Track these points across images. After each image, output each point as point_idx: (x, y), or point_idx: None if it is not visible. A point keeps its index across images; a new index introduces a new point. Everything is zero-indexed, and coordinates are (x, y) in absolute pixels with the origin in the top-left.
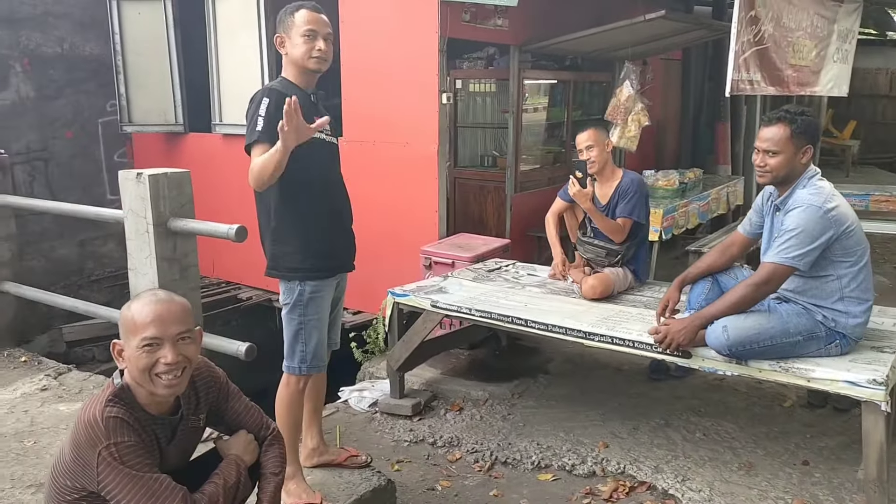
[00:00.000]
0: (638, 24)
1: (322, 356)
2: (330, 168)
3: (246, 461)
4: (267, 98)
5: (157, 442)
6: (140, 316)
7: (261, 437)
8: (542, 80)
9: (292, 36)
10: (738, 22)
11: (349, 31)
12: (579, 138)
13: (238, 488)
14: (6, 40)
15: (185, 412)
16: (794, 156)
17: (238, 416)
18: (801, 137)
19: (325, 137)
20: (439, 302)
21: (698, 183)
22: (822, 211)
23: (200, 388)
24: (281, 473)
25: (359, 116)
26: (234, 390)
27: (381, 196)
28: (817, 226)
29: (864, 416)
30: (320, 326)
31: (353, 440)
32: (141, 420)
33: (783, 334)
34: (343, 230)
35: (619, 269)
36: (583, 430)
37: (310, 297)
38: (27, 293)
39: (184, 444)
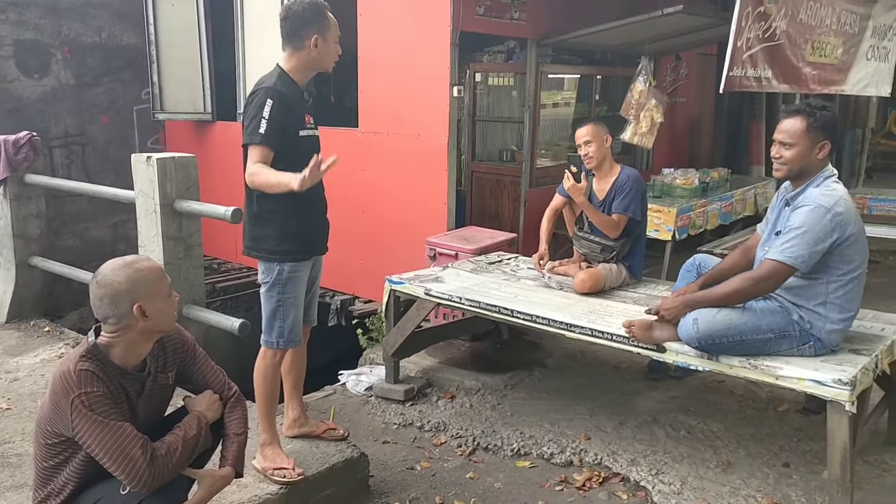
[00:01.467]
0: (656, 18)
1: (298, 332)
2: (310, 161)
3: (208, 417)
4: (271, 100)
5: (126, 395)
6: (156, 271)
7: (224, 397)
8: (562, 74)
9: (328, 38)
10: (738, 18)
11: (366, 25)
12: (578, 133)
13: (198, 440)
14: (48, 29)
15: (151, 369)
16: (809, 150)
17: (203, 377)
18: (818, 132)
19: (311, 132)
20: (432, 290)
21: (723, 183)
22: (830, 214)
23: (169, 348)
24: (243, 433)
25: (374, 108)
26: (200, 353)
27: (394, 187)
28: (822, 228)
29: (829, 415)
30: (297, 304)
31: (346, 420)
32: (111, 374)
33: (754, 330)
34: (319, 216)
35: (613, 265)
36: (568, 422)
37: (288, 276)
38: (53, 268)
39: (154, 400)
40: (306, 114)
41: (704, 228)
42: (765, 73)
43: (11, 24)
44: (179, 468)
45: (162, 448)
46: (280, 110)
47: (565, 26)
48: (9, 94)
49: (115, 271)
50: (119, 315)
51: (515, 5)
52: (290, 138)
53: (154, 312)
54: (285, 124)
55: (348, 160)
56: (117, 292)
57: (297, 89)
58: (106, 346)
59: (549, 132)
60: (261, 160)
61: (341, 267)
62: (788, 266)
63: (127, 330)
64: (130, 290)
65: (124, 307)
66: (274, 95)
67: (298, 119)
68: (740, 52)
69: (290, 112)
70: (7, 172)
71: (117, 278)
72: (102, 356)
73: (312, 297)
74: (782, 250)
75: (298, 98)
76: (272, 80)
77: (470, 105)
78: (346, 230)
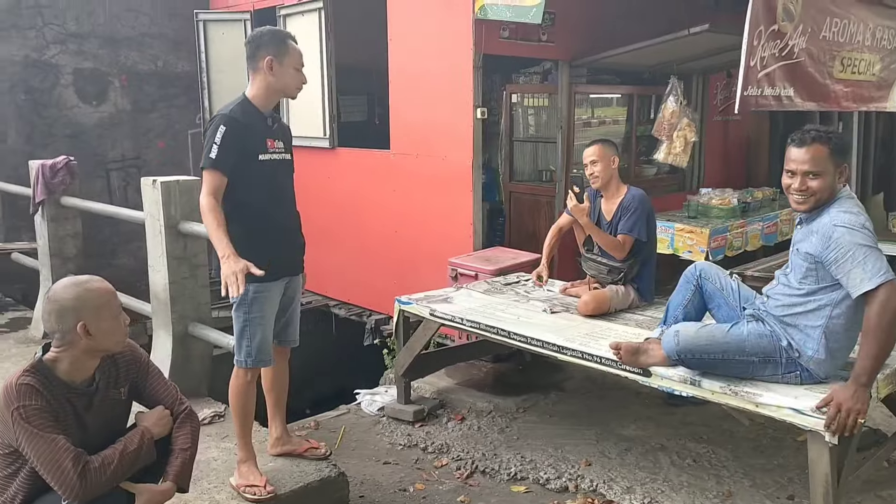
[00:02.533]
0: (684, 38)
1: (266, 351)
2: (276, 185)
3: (153, 432)
4: (224, 126)
5: (73, 409)
6: (105, 293)
7: (175, 412)
8: (598, 94)
9: (285, 64)
10: (749, 37)
11: (396, 48)
12: (585, 152)
13: (139, 454)
14: (107, 59)
15: (100, 385)
16: (833, 176)
17: (155, 393)
18: (839, 156)
19: (274, 156)
20: (436, 311)
21: (768, 202)
22: (867, 224)
23: (122, 365)
24: (189, 449)
25: (404, 130)
26: (154, 370)
27: (423, 207)
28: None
29: (810, 446)
30: (264, 324)
31: (354, 440)
32: (55, 389)
33: (738, 351)
34: (288, 239)
35: (621, 287)
36: (573, 447)
37: (253, 296)
38: None
39: (106, 415)
40: (269, 138)
41: (744, 250)
42: (785, 92)
43: (71, 55)
44: (115, 481)
45: (96, 461)
46: (233, 136)
47: (596, 47)
48: (68, 120)
49: (65, 288)
50: (63, 331)
51: (543, 28)
52: (248, 163)
53: (98, 332)
54: (240, 149)
55: (381, 182)
56: (63, 309)
57: (257, 115)
58: (52, 361)
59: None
60: (212, 184)
61: (375, 287)
62: (889, 282)
63: (71, 346)
64: (76, 309)
65: (69, 324)
66: (227, 122)
67: (257, 144)
68: (754, 71)
69: (246, 137)
70: (44, 195)
71: (65, 295)
72: (47, 371)
73: (290, 317)
74: (871, 276)
75: (258, 123)
76: (229, 107)
77: (507, 126)
78: (380, 251)
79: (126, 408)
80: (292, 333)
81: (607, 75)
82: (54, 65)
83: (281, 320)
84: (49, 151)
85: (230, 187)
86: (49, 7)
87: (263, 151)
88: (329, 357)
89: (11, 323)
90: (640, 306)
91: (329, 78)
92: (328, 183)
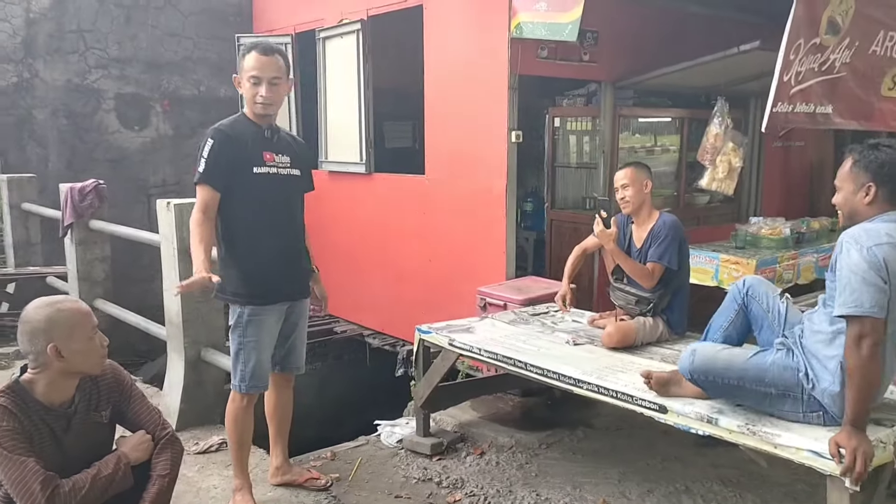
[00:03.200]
0: (733, 56)
1: (262, 377)
2: (275, 200)
3: (131, 458)
4: (211, 140)
5: (50, 431)
6: (77, 314)
7: (156, 437)
8: (645, 118)
9: (243, 79)
10: (786, 51)
11: (432, 70)
12: (616, 176)
13: (114, 479)
14: (149, 83)
15: (79, 406)
16: (853, 193)
17: (137, 417)
18: (862, 173)
19: (273, 170)
20: (455, 340)
21: (825, 233)
22: (865, 250)
23: (103, 387)
24: (168, 476)
25: (438, 154)
26: (136, 394)
27: (457, 234)
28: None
29: (829, 492)
30: (259, 349)
31: (370, 472)
32: (31, 410)
33: (756, 381)
34: (288, 262)
35: (649, 319)
36: (593, 486)
37: (248, 319)
38: (113, 311)
39: (87, 437)
40: (265, 151)
41: (795, 283)
42: (822, 109)
43: (114, 80)
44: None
45: (66, 485)
46: (222, 149)
47: (642, 67)
48: (110, 144)
49: (36, 310)
50: (36, 353)
51: (585, 47)
52: (241, 176)
53: (71, 354)
54: (232, 163)
55: (416, 208)
56: (35, 330)
57: (252, 128)
58: (28, 382)
59: None
60: (201, 199)
61: (409, 316)
62: (858, 319)
63: (45, 368)
64: (46, 330)
65: (40, 346)
66: (214, 135)
67: (252, 157)
68: (787, 86)
69: (238, 151)
70: (73, 218)
71: (36, 316)
72: (24, 392)
73: (293, 343)
74: (842, 304)
75: (252, 136)
76: (222, 121)
77: (550, 151)
78: (415, 279)
79: (109, 431)
80: (296, 361)
81: (658, 98)
82: (96, 89)
83: (284, 347)
84: (90, 176)
85: (224, 202)
86: (91, 32)
87: (259, 164)
88: (363, 388)
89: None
90: (669, 340)
91: (366, 101)
92: (364, 209)
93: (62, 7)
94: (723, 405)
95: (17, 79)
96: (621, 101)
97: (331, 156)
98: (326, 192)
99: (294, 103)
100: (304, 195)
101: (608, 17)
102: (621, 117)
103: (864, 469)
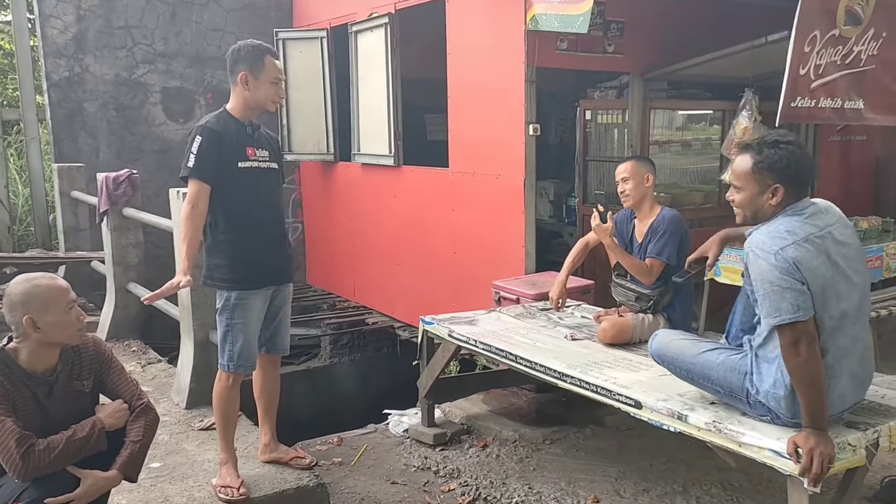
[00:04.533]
0: (761, 47)
1: (249, 358)
2: (258, 193)
3: (106, 423)
4: (200, 136)
5: (33, 396)
6: (54, 289)
7: (133, 406)
8: (678, 109)
9: (260, 78)
10: (796, 43)
11: (454, 63)
12: (618, 169)
13: (88, 442)
14: (193, 77)
15: (61, 375)
16: (757, 195)
17: (116, 387)
18: (765, 174)
19: (254, 164)
20: (454, 332)
21: (876, 234)
22: (773, 256)
23: (85, 358)
24: (140, 441)
25: (462, 147)
26: (116, 365)
27: (479, 228)
28: (774, 273)
29: (790, 493)
30: (246, 331)
31: (373, 459)
32: (15, 376)
33: (702, 377)
34: (272, 249)
35: (649, 316)
36: (589, 483)
37: (235, 303)
38: (141, 293)
39: (69, 404)
40: (249, 146)
41: None
42: (851, 104)
43: (160, 74)
44: (60, 464)
45: (41, 444)
46: (210, 145)
47: (671, 59)
48: (156, 136)
49: (17, 284)
50: (15, 324)
51: (609, 38)
52: (227, 170)
53: (46, 326)
54: (218, 158)
55: (441, 201)
56: (13, 303)
57: (235, 124)
58: (13, 350)
59: (680, 174)
60: (194, 192)
61: (434, 309)
62: (785, 326)
63: (25, 338)
64: (23, 303)
65: (17, 317)
66: (203, 132)
67: (236, 153)
68: (807, 80)
69: (223, 146)
70: (107, 206)
71: (15, 290)
72: (8, 359)
73: (279, 325)
74: (766, 315)
75: (237, 133)
76: (207, 118)
77: (581, 144)
78: (440, 272)
79: (91, 399)
80: (281, 342)
81: (697, 89)
82: (143, 83)
83: (269, 328)
84: (137, 166)
85: (213, 196)
86: (139, 28)
87: (243, 159)
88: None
89: (85, 327)
90: None
91: (395, 94)
92: (393, 202)
93: (111, 4)
94: (695, 402)
95: (69, 73)
96: (654, 94)
97: (363, 148)
98: (359, 184)
99: (329, 97)
100: (281, 186)
101: (635, 6)
102: (652, 110)
103: (820, 470)
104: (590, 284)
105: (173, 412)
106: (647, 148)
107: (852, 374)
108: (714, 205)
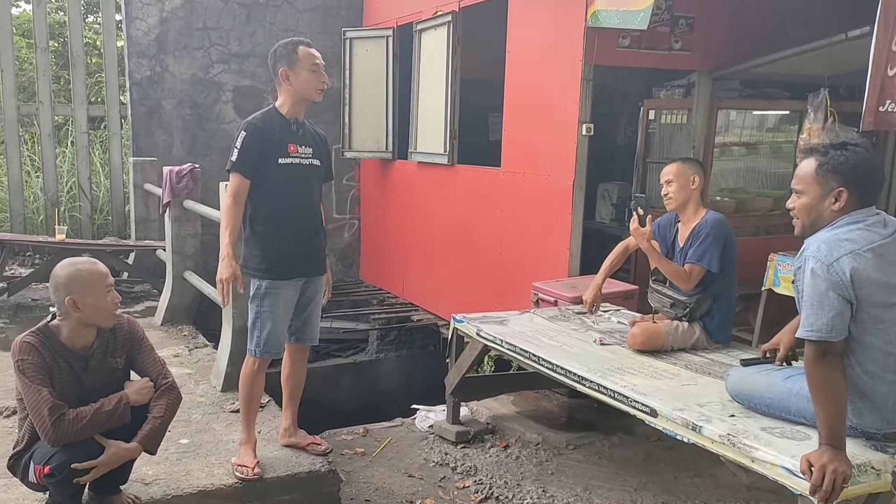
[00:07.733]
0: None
1: (276, 345)
2: (297, 188)
3: (132, 399)
4: (244, 132)
5: (71, 369)
6: (95, 273)
7: (158, 384)
8: (749, 109)
9: (298, 70)
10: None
11: (512, 63)
12: (663, 171)
13: (113, 415)
14: (264, 77)
15: (97, 352)
16: (819, 199)
17: (144, 365)
18: (829, 176)
19: (296, 160)
20: (482, 331)
21: None
22: (826, 267)
23: (119, 338)
24: (161, 417)
25: (514, 147)
26: (146, 345)
27: (527, 228)
28: (822, 288)
29: None
30: (274, 318)
31: (395, 451)
32: (55, 350)
33: (782, 410)
34: (304, 241)
35: (684, 324)
36: (605, 491)
37: (265, 292)
38: (196, 282)
39: (103, 378)
40: (291, 143)
41: None
42: None
43: (233, 73)
44: (87, 433)
45: (71, 413)
46: (252, 141)
47: (743, 56)
48: (226, 133)
49: (62, 267)
50: (59, 303)
51: (677, 34)
52: (268, 165)
53: (85, 307)
54: (260, 153)
55: (491, 200)
56: (57, 285)
57: (280, 121)
58: (55, 327)
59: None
60: (235, 185)
61: (479, 308)
62: (814, 342)
63: (66, 317)
64: (66, 285)
65: (61, 298)
66: (247, 128)
67: (278, 148)
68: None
69: (265, 142)
70: (170, 197)
71: (60, 273)
72: (50, 334)
73: (309, 316)
74: (802, 324)
75: (281, 129)
76: (255, 115)
77: (642, 145)
78: (486, 272)
79: (124, 375)
80: (310, 332)
81: (773, 89)
82: (217, 82)
83: (300, 318)
84: (208, 161)
85: (253, 188)
86: (216, 29)
87: (284, 155)
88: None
89: (146, 311)
90: (708, 348)
91: (453, 92)
92: (446, 201)
93: (191, 6)
94: (713, 414)
95: (150, 72)
96: (724, 93)
97: (419, 147)
98: (414, 182)
99: (391, 96)
100: (322, 183)
101: (706, 1)
102: (720, 110)
103: (831, 489)
104: (633, 289)
105: (209, 394)
106: (711, 150)
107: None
108: (783, 211)
